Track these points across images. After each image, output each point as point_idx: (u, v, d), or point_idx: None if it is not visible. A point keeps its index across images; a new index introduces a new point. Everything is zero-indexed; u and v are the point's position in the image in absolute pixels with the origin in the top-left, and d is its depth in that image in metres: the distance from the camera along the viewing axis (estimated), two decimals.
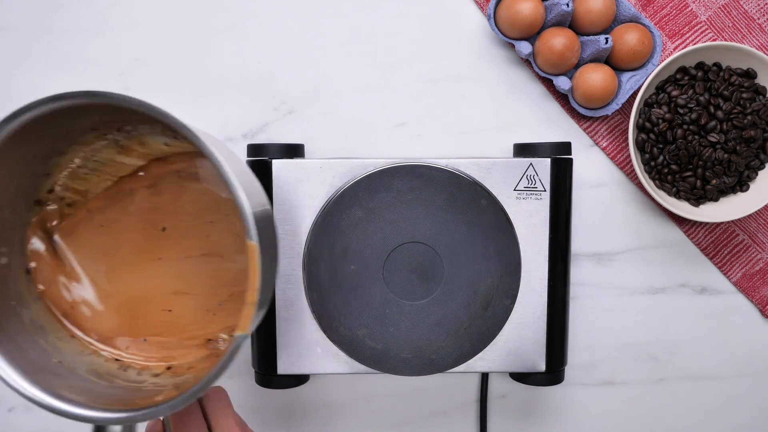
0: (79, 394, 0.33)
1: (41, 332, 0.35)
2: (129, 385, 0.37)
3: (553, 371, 0.56)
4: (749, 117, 0.58)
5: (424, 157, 0.59)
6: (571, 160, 0.55)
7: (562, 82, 0.60)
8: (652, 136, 0.60)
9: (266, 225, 0.34)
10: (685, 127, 0.58)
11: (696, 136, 0.58)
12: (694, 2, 0.63)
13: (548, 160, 0.53)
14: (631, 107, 0.59)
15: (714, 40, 0.63)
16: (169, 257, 0.39)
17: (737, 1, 0.62)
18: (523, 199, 0.53)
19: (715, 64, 0.60)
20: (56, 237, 0.36)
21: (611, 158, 0.64)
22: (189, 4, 0.62)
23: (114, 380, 0.36)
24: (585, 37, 0.60)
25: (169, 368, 0.38)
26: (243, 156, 0.62)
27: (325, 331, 0.54)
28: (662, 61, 0.62)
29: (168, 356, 0.39)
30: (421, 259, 0.53)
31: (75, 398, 0.32)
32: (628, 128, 0.63)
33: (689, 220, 0.64)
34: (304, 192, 0.53)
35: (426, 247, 0.53)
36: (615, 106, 0.61)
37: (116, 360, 0.38)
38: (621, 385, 0.67)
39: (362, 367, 0.54)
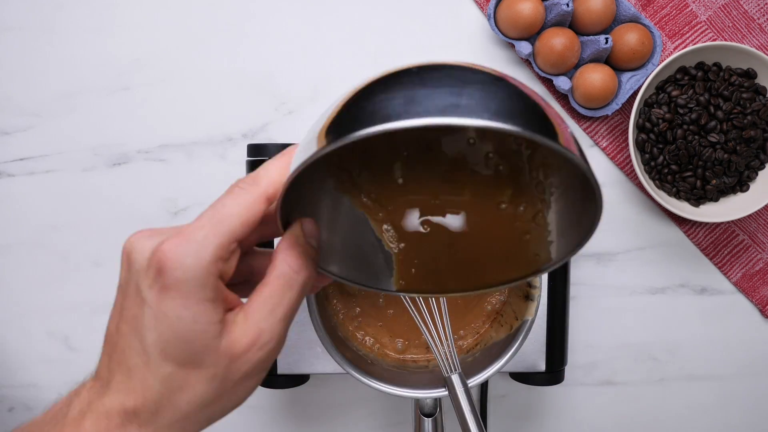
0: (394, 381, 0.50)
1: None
2: (419, 371, 0.53)
3: (553, 371, 0.56)
4: (749, 117, 0.58)
5: None
6: None
7: (562, 82, 0.60)
8: (652, 136, 0.60)
9: None
10: (685, 127, 0.58)
11: (696, 136, 0.58)
12: (694, 2, 0.63)
13: None
14: (631, 107, 0.59)
15: (714, 40, 0.63)
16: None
17: (737, 1, 0.62)
18: None
19: (715, 64, 0.60)
20: None
21: (611, 158, 0.64)
22: (189, 4, 0.62)
23: (408, 369, 0.54)
24: (585, 37, 0.60)
25: (428, 361, 0.54)
26: (243, 156, 0.62)
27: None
28: (662, 61, 0.62)
29: (426, 359, 0.55)
30: None
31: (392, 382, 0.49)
32: (628, 128, 0.63)
33: (689, 220, 0.64)
34: None
35: None
36: (615, 106, 0.61)
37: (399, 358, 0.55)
38: (621, 385, 0.67)
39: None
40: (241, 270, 0.31)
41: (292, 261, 0.29)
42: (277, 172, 0.29)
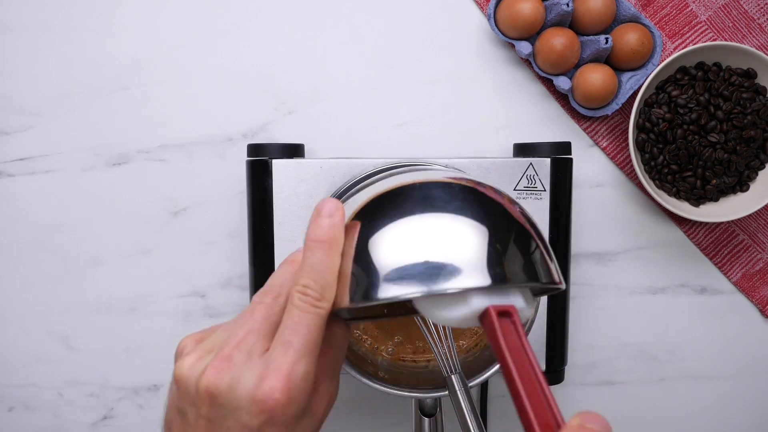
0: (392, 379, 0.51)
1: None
2: (417, 371, 0.55)
3: (553, 371, 0.56)
4: (749, 117, 0.58)
5: (424, 157, 0.59)
6: (570, 159, 0.55)
7: (562, 82, 0.60)
8: (652, 136, 0.60)
9: None
10: (685, 127, 0.58)
11: (696, 136, 0.58)
12: (694, 2, 0.63)
13: (548, 159, 0.53)
14: (631, 107, 0.59)
15: (714, 40, 0.63)
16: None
17: (737, 1, 0.62)
18: (523, 198, 0.53)
19: (715, 64, 0.60)
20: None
21: (611, 158, 0.64)
22: (189, 4, 0.62)
23: (408, 369, 0.55)
24: (585, 37, 0.60)
25: (428, 361, 0.55)
26: (243, 156, 0.62)
27: None
28: (662, 61, 0.62)
29: (426, 359, 0.56)
30: None
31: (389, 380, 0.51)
32: (628, 128, 0.63)
33: (689, 220, 0.64)
34: (304, 192, 0.53)
35: None
36: (615, 106, 0.61)
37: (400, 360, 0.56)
38: (621, 385, 0.67)
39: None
40: None
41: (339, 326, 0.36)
42: (335, 287, 0.33)
